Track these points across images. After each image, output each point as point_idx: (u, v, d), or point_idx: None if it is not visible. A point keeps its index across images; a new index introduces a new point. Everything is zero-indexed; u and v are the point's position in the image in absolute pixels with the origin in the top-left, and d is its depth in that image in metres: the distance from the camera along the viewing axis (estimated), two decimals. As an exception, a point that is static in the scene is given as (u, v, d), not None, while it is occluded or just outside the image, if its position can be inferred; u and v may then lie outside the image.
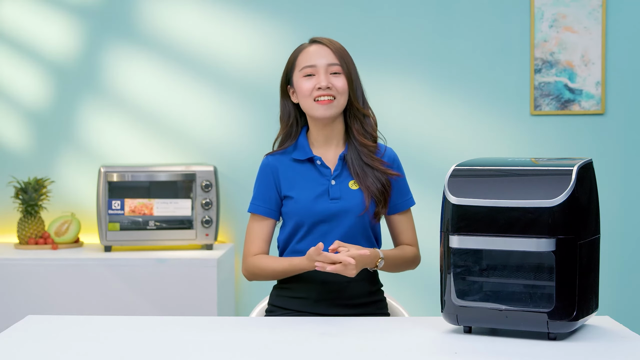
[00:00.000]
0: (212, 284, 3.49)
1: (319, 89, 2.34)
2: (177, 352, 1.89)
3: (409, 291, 3.78)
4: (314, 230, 2.36)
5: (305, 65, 2.37)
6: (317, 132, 2.41)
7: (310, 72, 2.36)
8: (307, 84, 2.36)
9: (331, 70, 2.36)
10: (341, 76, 2.37)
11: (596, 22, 3.79)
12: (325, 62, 2.36)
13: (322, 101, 2.34)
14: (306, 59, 2.37)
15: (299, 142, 2.42)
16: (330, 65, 2.36)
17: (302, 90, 2.37)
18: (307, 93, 2.36)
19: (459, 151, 3.82)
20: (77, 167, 3.97)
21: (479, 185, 1.98)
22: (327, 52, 2.37)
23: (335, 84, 2.35)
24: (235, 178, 3.92)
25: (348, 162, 2.40)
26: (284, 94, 2.45)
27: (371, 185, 2.36)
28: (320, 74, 2.35)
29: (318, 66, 2.36)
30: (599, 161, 3.70)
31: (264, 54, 3.91)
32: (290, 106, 2.44)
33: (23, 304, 3.48)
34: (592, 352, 1.84)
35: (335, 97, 2.35)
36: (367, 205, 2.34)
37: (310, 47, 2.40)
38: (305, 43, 2.44)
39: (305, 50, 2.40)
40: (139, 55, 3.95)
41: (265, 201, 2.41)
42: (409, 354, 1.85)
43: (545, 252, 1.89)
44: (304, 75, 2.37)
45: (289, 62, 2.43)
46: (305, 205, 2.35)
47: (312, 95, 2.35)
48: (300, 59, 2.39)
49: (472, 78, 3.87)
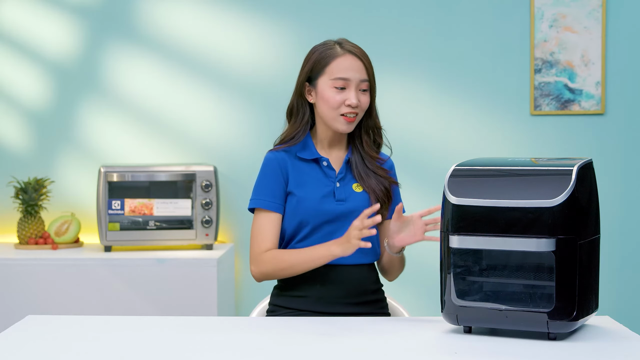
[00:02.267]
0: (212, 284, 3.49)
1: (349, 105, 2.33)
2: (177, 352, 1.89)
3: (409, 291, 3.78)
4: (318, 231, 2.36)
5: (339, 77, 2.33)
6: (324, 135, 2.41)
7: (342, 85, 2.33)
8: (338, 96, 2.33)
9: (361, 86, 2.35)
10: (367, 93, 2.37)
11: (596, 22, 3.79)
12: (359, 78, 2.34)
13: (348, 118, 2.34)
14: (341, 70, 2.33)
15: (305, 141, 2.42)
16: (362, 82, 2.35)
17: (330, 101, 2.34)
18: (336, 106, 2.34)
19: (459, 151, 3.82)
20: (77, 167, 3.97)
21: (479, 185, 1.98)
22: (360, 67, 2.35)
23: (363, 101, 2.35)
24: (235, 178, 3.92)
25: (352, 165, 2.41)
26: (301, 92, 2.41)
27: (375, 187, 2.38)
28: (351, 90, 2.33)
29: (352, 81, 2.33)
30: (599, 161, 3.70)
31: (264, 54, 3.91)
32: (305, 105, 2.42)
33: (23, 304, 3.48)
34: (592, 352, 1.84)
35: (358, 114, 2.36)
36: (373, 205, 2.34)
37: (346, 58, 2.34)
38: (331, 43, 2.38)
39: (340, 58, 2.34)
40: (139, 55, 3.95)
41: (274, 196, 2.37)
42: (409, 354, 1.85)
43: (545, 252, 1.89)
44: (336, 86, 2.34)
45: (315, 63, 2.37)
46: (312, 205, 2.35)
47: (340, 110, 2.33)
48: (334, 67, 2.34)
49: (472, 78, 3.87)
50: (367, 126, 2.42)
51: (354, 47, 2.37)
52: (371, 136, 2.43)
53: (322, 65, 2.36)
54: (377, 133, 2.44)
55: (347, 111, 2.33)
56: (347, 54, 2.35)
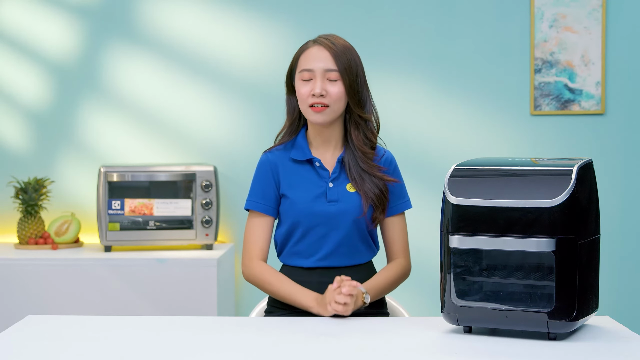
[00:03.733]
0: (212, 284, 3.49)
1: (313, 95, 2.31)
2: (177, 352, 1.89)
3: (409, 291, 3.78)
4: (311, 232, 2.35)
5: (303, 68, 2.33)
6: (315, 133, 2.41)
7: (307, 76, 2.32)
8: (304, 88, 2.33)
9: (328, 76, 2.31)
10: (338, 83, 2.31)
11: (596, 22, 3.79)
12: (323, 67, 2.31)
13: (316, 108, 2.31)
14: (305, 62, 2.34)
15: (298, 141, 2.41)
16: (328, 71, 2.31)
17: (299, 94, 2.35)
18: (303, 97, 2.33)
19: (459, 151, 3.82)
20: (77, 167, 3.97)
21: (479, 185, 1.98)
22: (326, 56, 2.32)
23: (330, 91, 2.31)
24: (235, 178, 3.92)
25: (346, 165, 2.38)
26: (289, 89, 2.43)
27: (369, 191, 2.34)
28: (316, 80, 2.31)
29: (315, 71, 2.32)
30: (599, 161, 3.70)
31: (264, 54, 3.91)
32: (294, 101, 2.42)
33: (23, 304, 3.48)
34: (592, 352, 1.84)
35: (329, 105, 2.31)
36: (365, 210, 2.34)
37: (312, 49, 2.34)
38: (311, 41, 2.38)
39: (306, 51, 2.35)
40: (139, 55, 3.95)
41: (265, 198, 2.38)
42: (409, 354, 1.85)
43: (545, 252, 1.89)
44: (302, 78, 2.33)
45: (293, 59, 2.39)
46: (303, 206, 2.34)
47: (308, 101, 2.32)
48: (301, 59, 2.35)
49: (472, 78, 3.87)
50: (354, 120, 2.37)
51: (325, 38, 2.35)
52: (361, 130, 2.38)
53: (295, 61, 2.38)
54: (366, 127, 2.38)
55: (313, 101, 2.31)
56: (314, 45, 2.35)
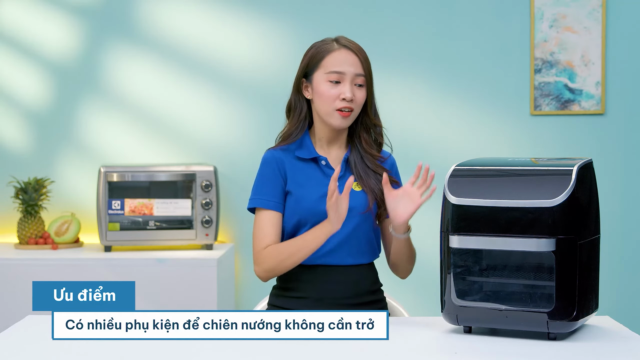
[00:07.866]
0: (212, 284, 3.49)
1: (343, 99, 2.32)
2: (177, 351, 1.89)
3: (409, 291, 3.78)
4: None
5: (334, 70, 2.33)
6: (323, 132, 2.41)
7: (337, 78, 2.33)
8: (332, 90, 2.32)
9: (356, 81, 2.34)
10: (363, 88, 2.35)
11: (596, 22, 3.79)
12: (354, 72, 2.33)
13: (343, 113, 2.32)
14: (335, 64, 2.33)
15: (304, 140, 2.42)
16: (357, 76, 2.34)
17: (325, 95, 2.34)
18: (330, 100, 2.33)
19: (459, 151, 3.82)
20: (77, 167, 3.97)
21: (479, 185, 1.98)
22: (355, 61, 2.34)
23: (358, 96, 2.34)
24: (235, 178, 3.91)
25: (351, 164, 2.40)
26: (298, 88, 2.42)
27: (374, 187, 2.37)
28: (346, 84, 2.32)
29: (346, 75, 2.32)
30: (599, 161, 3.69)
31: (264, 54, 3.91)
32: (302, 101, 2.42)
33: (23, 304, 3.48)
34: (592, 352, 1.84)
35: (353, 109, 2.34)
36: (370, 205, 2.35)
37: (341, 52, 2.34)
38: (329, 40, 2.38)
39: (335, 52, 2.34)
40: (139, 55, 3.95)
41: (274, 194, 2.37)
42: (409, 354, 1.85)
43: (545, 252, 1.89)
44: (330, 80, 2.33)
45: (311, 58, 2.37)
46: (309, 205, 2.34)
47: (335, 104, 2.32)
48: (328, 60, 2.34)
49: (472, 78, 3.87)
50: (365, 124, 2.41)
51: (350, 42, 2.38)
52: (372, 135, 2.42)
53: (317, 60, 2.36)
54: (377, 132, 2.43)
55: (342, 105, 2.32)
56: (342, 48, 2.35)
